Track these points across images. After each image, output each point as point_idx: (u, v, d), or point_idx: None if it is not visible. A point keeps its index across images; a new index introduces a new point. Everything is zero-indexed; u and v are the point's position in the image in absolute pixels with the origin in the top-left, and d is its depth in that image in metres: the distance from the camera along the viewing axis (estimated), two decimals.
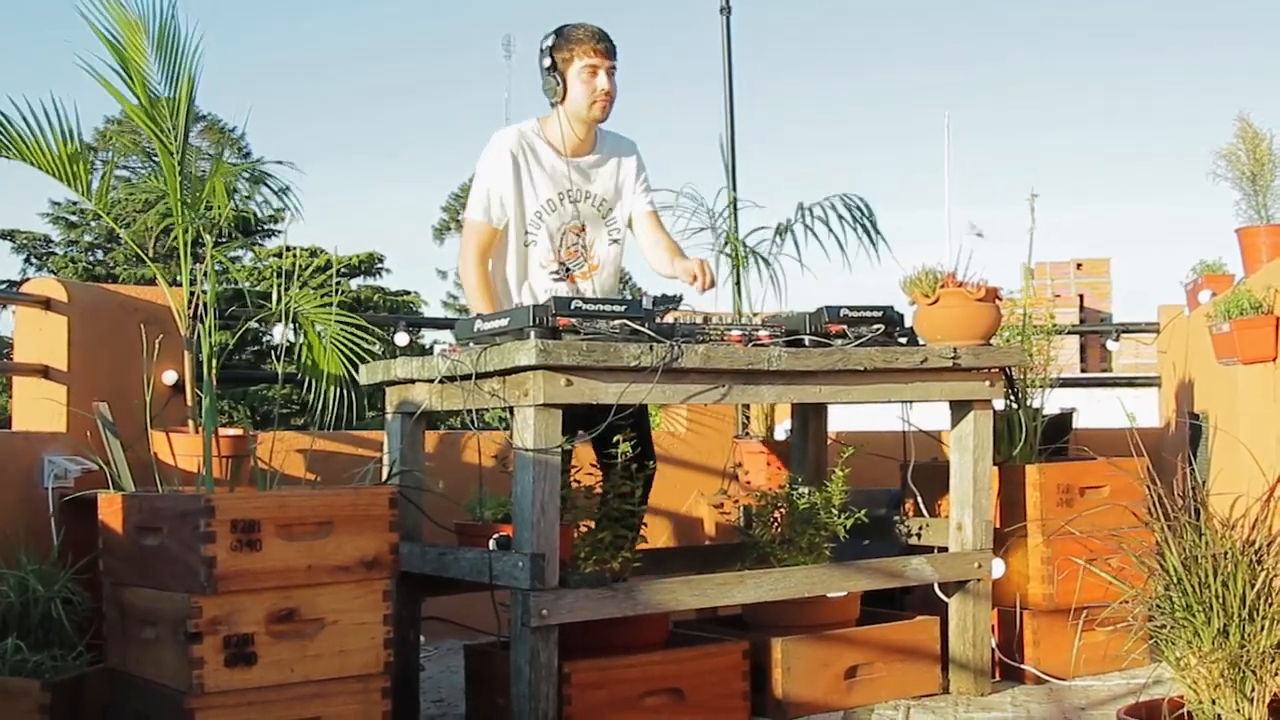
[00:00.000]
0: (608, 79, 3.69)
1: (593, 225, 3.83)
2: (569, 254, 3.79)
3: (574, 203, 3.78)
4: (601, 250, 3.85)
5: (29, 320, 4.00)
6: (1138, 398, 5.74)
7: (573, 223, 3.78)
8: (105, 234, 27.83)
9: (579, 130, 3.75)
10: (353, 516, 2.83)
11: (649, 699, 3.21)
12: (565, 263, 3.78)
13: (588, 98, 3.69)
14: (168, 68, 3.63)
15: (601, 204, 3.84)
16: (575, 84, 3.68)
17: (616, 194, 3.88)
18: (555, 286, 3.76)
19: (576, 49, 3.66)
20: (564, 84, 3.68)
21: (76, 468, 3.61)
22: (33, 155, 3.62)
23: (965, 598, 3.66)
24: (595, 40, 3.66)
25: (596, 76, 3.68)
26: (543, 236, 3.75)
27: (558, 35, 3.69)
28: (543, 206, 3.74)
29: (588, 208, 3.81)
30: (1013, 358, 3.72)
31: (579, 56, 3.66)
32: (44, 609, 3.08)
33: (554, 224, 3.76)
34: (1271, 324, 3.64)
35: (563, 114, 3.73)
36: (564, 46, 3.67)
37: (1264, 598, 2.42)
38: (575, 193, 3.78)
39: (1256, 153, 4.08)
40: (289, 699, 2.73)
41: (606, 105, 3.72)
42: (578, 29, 3.68)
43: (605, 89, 3.69)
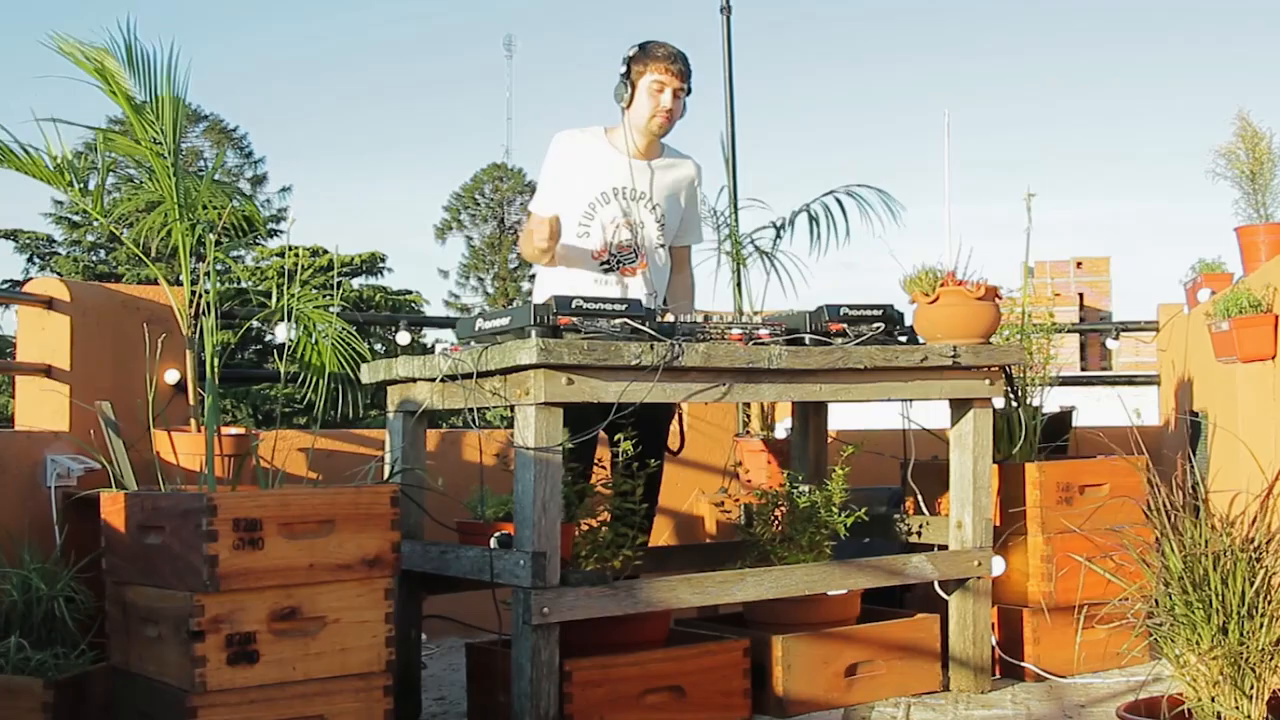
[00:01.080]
0: (673, 98, 3.82)
1: (646, 225, 3.89)
2: (620, 248, 3.85)
3: (629, 200, 3.85)
4: (650, 250, 3.90)
5: (32, 320, 4.00)
6: (1137, 396, 5.75)
7: (626, 218, 3.85)
8: (108, 234, 27.86)
9: (639, 140, 3.86)
10: (354, 515, 2.84)
11: (650, 697, 3.22)
12: (616, 254, 3.84)
13: (649, 110, 3.81)
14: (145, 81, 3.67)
15: (655, 207, 3.91)
16: (642, 95, 3.81)
17: (671, 202, 3.95)
18: (604, 277, 3.83)
19: (652, 64, 3.79)
20: (632, 93, 3.81)
21: (79, 467, 3.62)
22: (28, 168, 3.64)
23: (965, 595, 3.67)
24: (670, 60, 3.80)
25: (662, 93, 3.80)
26: (595, 227, 3.83)
27: (640, 48, 3.83)
28: (596, 198, 3.83)
29: (642, 208, 3.88)
30: (1012, 356, 3.72)
31: (652, 71, 3.79)
32: (47, 607, 3.08)
33: (607, 216, 3.83)
34: (1270, 322, 3.64)
35: (626, 120, 3.86)
36: (641, 59, 3.81)
37: (1263, 595, 2.43)
38: (631, 190, 3.86)
39: (1256, 151, 4.09)
40: (291, 697, 2.73)
41: (666, 122, 3.84)
42: (658, 46, 3.82)
43: (668, 107, 3.81)
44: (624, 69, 3.82)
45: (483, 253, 38.01)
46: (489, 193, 38.47)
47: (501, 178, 38.52)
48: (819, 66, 58.26)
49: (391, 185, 56.57)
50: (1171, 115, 54.87)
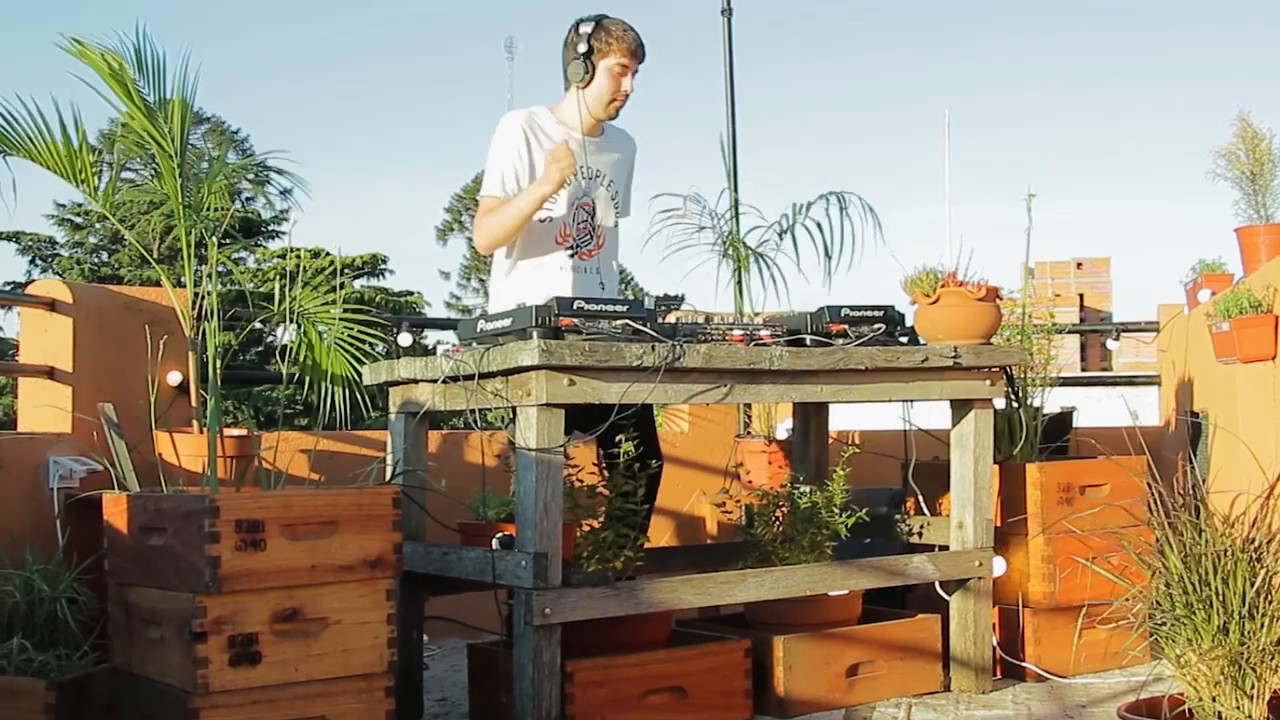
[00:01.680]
0: (631, 81, 3.77)
1: (601, 204, 3.85)
2: (579, 230, 3.81)
3: (586, 179, 3.80)
4: (606, 229, 3.87)
5: (34, 322, 4.01)
6: (1138, 396, 5.75)
7: (584, 199, 3.81)
8: (110, 236, 27.86)
9: (589, 120, 3.79)
10: (356, 516, 2.84)
11: (651, 697, 3.23)
12: (577, 237, 3.81)
13: (609, 95, 3.74)
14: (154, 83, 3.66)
15: (609, 184, 3.86)
16: (603, 77, 3.73)
17: (619, 177, 3.91)
18: (568, 262, 3.77)
19: (615, 45, 3.71)
20: (592, 73, 3.73)
21: (82, 468, 3.62)
22: (40, 155, 3.63)
23: (966, 596, 3.67)
24: (634, 44, 3.74)
25: (625, 76, 3.74)
26: (558, 210, 3.75)
27: (598, 25, 3.73)
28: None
29: (597, 186, 3.83)
30: (1013, 357, 3.73)
31: (615, 54, 3.71)
32: (49, 609, 3.08)
33: (569, 199, 3.77)
34: (1270, 323, 3.64)
35: (581, 99, 3.76)
36: (603, 38, 3.72)
37: (1264, 595, 2.43)
38: (586, 170, 3.81)
39: (1256, 152, 4.09)
40: (293, 698, 2.74)
41: (622, 105, 3.79)
42: (618, 26, 3.74)
43: (627, 91, 3.76)
44: (583, 46, 3.71)
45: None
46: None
47: None
48: (819, 66, 58.27)
49: (392, 186, 56.61)
50: (1172, 115, 54.89)
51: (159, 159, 3.62)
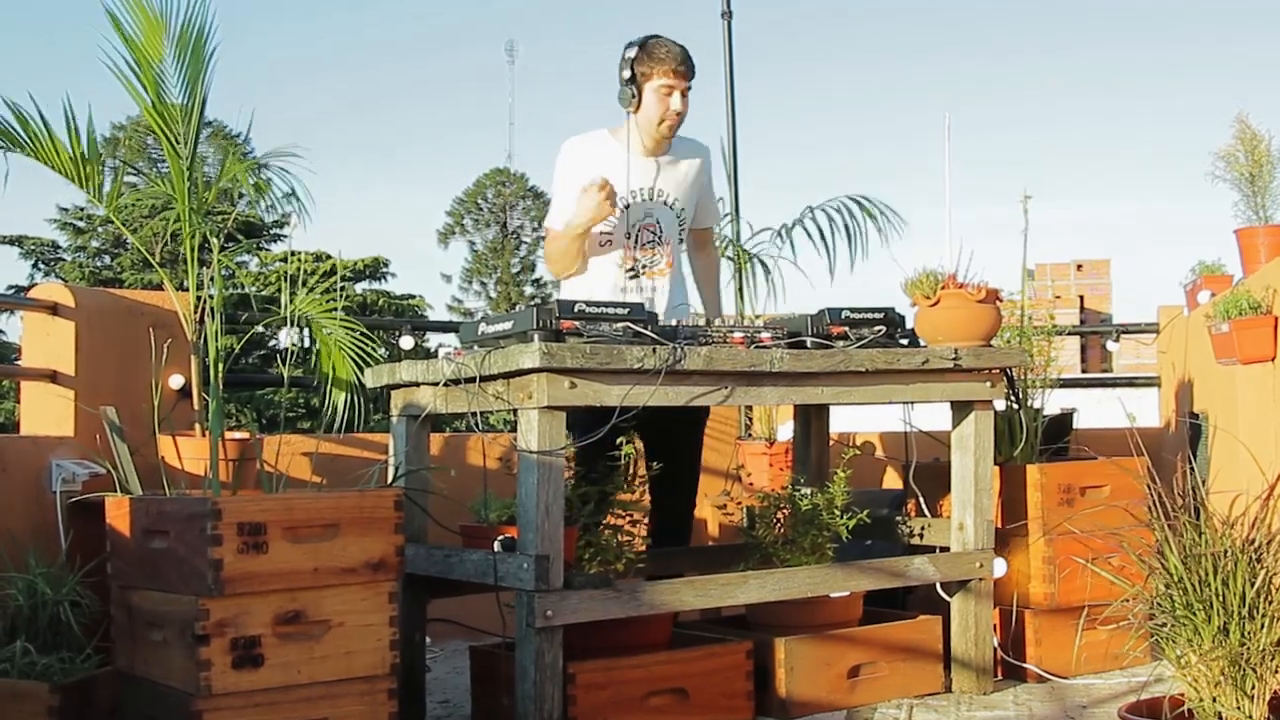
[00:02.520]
0: (682, 100, 3.75)
1: (666, 224, 3.86)
2: (644, 251, 3.82)
3: (647, 200, 3.82)
4: (675, 249, 3.89)
5: (37, 325, 4.01)
6: (1138, 398, 5.75)
7: (647, 220, 3.82)
8: (112, 239, 27.87)
9: (647, 141, 3.81)
10: (358, 519, 2.85)
11: (653, 699, 3.23)
12: (640, 259, 3.82)
13: (659, 116, 3.74)
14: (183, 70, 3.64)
15: (674, 202, 3.87)
16: (650, 99, 3.73)
17: (685, 194, 3.91)
18: (629, 284, 3.79)
19: (658, 67, 3.70)
20: (639, 97, 3.73)
21: (84, 471, 3.63)
22: (46, 155, 3.64)
23: (967, 597, 3.68)
24: (677, 62, 3.72)
25: (671, 96, 3.73)
26: (618, 235, 3.78)
27: (641, 48, 3.73)
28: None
29: (661, 207, 3.85)
30: (1013, 358, 3.74)
31: (659, 75, 3.71)
32: (52, 612, 3.09)
33: (629, 222, 3.79)
34: (1270, 324, 3.64)
35: (633, 124, 3.77)
36: (645, 61, 3.71)
37: (1264, 596, 2.44)
38: (648, 191, 3.82)
39: (1255, 154, 4.09)
40: (296, 700, 2.74)
41: (676, 125, 3.78)
42: (661, 46, 3.72)
43: (678, 110, 3.75)
44: (628, 73, 3.72)
45: (485, 257, 38.04)
46: (491, 197, 38.50)
47: (504, 182, 38.56)
48: (819, 67, 58.29)
49: (394, 190, 56.64)
50: (1171, 115, 54.93)
51: (169, 159, 3.62)
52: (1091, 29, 56.28)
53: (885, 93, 57.55)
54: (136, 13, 3.52)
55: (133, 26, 3.54)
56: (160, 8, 3.53)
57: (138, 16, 3.53)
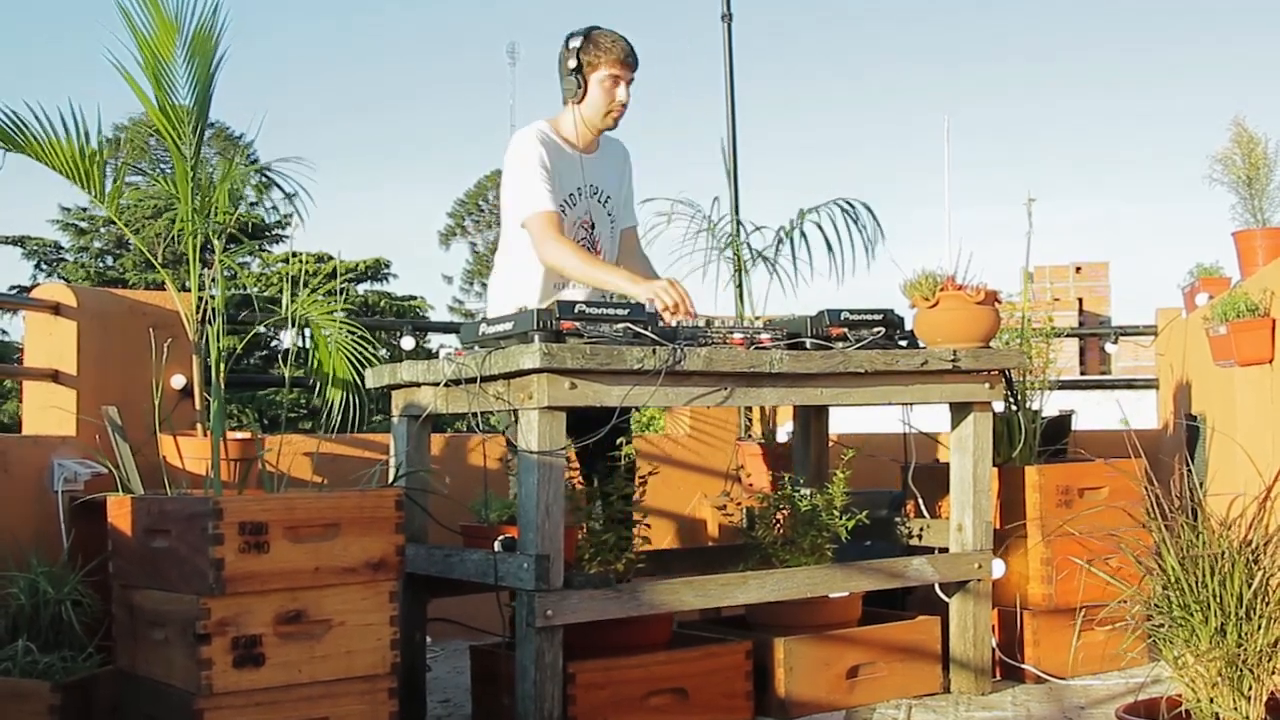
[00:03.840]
0: (626, 90, 3.76)
1: (599, 220, 3.87)
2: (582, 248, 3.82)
3: (586, 197, 3.83)
4: (605, 245, 3.89)
5: (39, 325, 4.02)
6: (1136, 400, 5.77)
7: (584, 216, 3.83)
8: (114, 240, 27.88)
9: (588, 134, 3.81)
10: (359, 519, 2.86)
11: (653, 699, 3.24)
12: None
13: (605, 106, 3.75)
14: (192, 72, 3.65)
15: (607, 200, 3.88)
16: (596, 90, 3.73)
17: (617, 191, 3.93)
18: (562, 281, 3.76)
19: (604, 57, 3.71)
20: (585, 87, 3.73)
21: (86, 471, 3.64)
22: (48, 156, 3.65)
23: (966, 598, 3.69)
24: (624, 53, 3.72)
25: (618, 87, 3.74)
26: (565, 228, 3.75)
27: (586, 38, 3.72)
28: (565, 200, 3.77)
29: (595, 203, 3.86)
30: (1012, 360, 3.75)
31: (605, 66, 3.71)
32: (54, 611, 3.10)
33: (572, 217, 3.80)
34: (1268, 326, 3.66)
35: (577, 114, 3.78)
36: (591, 51, 3.71)
37: (1261, 597, 2.44)
38: (586, 188, 3.83)
39: (1252, 157, 4.10)
40: (296, 699, 2.75)
41: (620, 116, 3.79)
42: (607, 37, 3.73)
43: (623, 101, 3.76)
44: (573, 62, 3.71)
45: (486, 258, 38.03)
46: (493, 199, 38.50)
47: None
48: (819, 68, 58.27)
49: (395, 191, 56.65)
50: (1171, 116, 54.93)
51: (173, 159, 3.63)
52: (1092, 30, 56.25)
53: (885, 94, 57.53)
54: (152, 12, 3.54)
55: (147, 26, 3.55)
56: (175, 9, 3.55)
57: (153, 16, 3.55)
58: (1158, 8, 55.61)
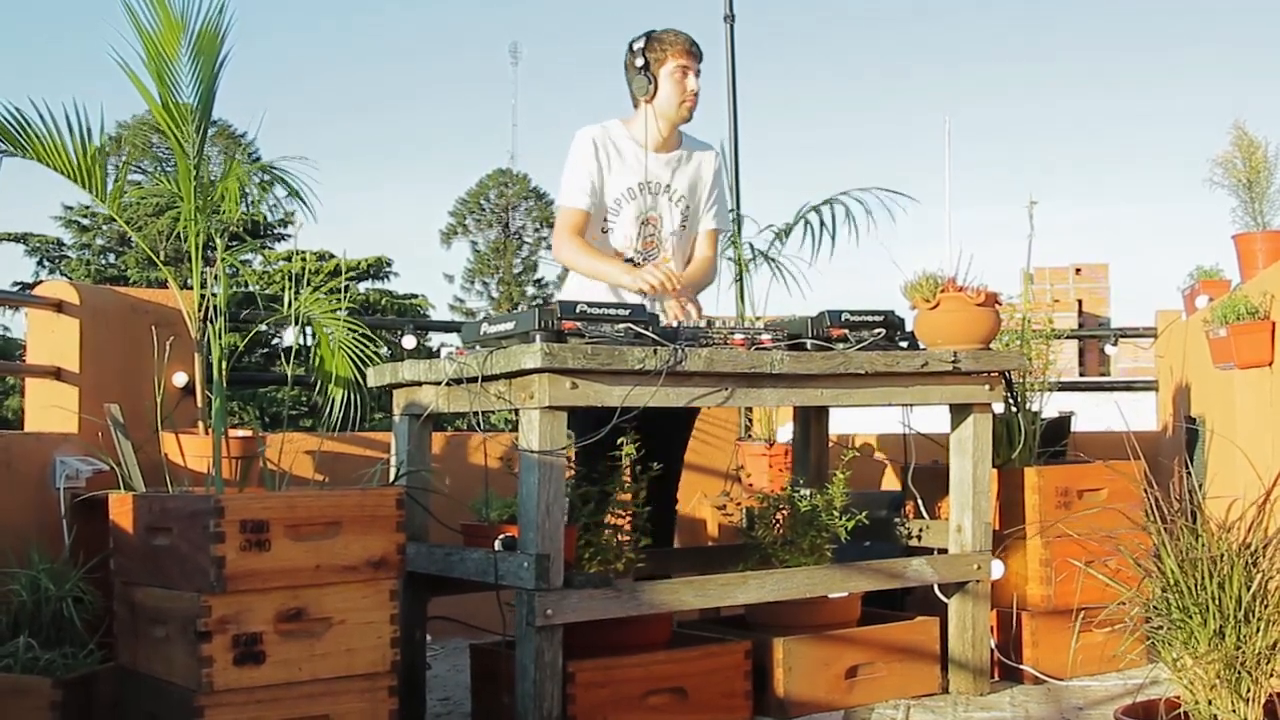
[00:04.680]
0: (695, 80, 3.87)
1: (669, 218, 3.94)
2: (645, 244, 3.90)
3: (653, 194, 3.90)
4: (671, 243, 3.95)
5: (41, 323, 4.04)
6: (1135, 401, 5.77)
7: (650, 213, 3.90)
8: (117, 237, 27.89)
9: (664, 128, 3.90)
10: (360, 517, 2.86)
11: (652, 698, 3.25)
12: (641, 250, 3.89)
13: (678, 97, 3.85)
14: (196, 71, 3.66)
15: (679, 199, 3.95)
16: (666, 84, 3.84)
17: (693, 193, 3.99)
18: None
19: (670, 50, 3.83)
20: (655, 83, 3.84)
21: (88, 468, 3.65)
22: (49, 157, 3.66)
23: (965, 599, 3.69)
24: (688, 44, 3.85)
25: (687, 78, 3.85)
26: (621, 223, 3.87)
27: (648, 39, 3.85)
28: (623, 194, 3.87)
29: (665, 200, 3.92)
30: (1012, 362, 3.75)
31: (672, 58, 3.83)
32: (55, 608, 3.11)
33: (632, 212, 3.88)
34: (1268, 329, 3.66)
35: (651, 112, 3.88)
36: (656, 48, 3.84)
37: (1259, 599, 2.44)
38: (655, 185, 3.90)
39: (1252, 160, 4.11)
40: (297, 697, 2.76)
41: (694, 105, 3.90)
42: (668, 33, 3.86)
43: (695, 90, 3.87)
44: (640, 62, 3.84)
45: (488, 257, 38.05)
46: (494, 198, 38.52)
47: (506, 183, 38.57)
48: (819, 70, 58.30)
49: (397, 190, 56.67)
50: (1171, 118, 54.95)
51: (176, 157, 3.64)
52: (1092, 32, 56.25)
53: (886, 95, 57.56)
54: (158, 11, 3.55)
55: (152, 23, 3.56)
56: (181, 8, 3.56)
57: (159, 15, 3.56)
58: (1158, 10, 55.63)
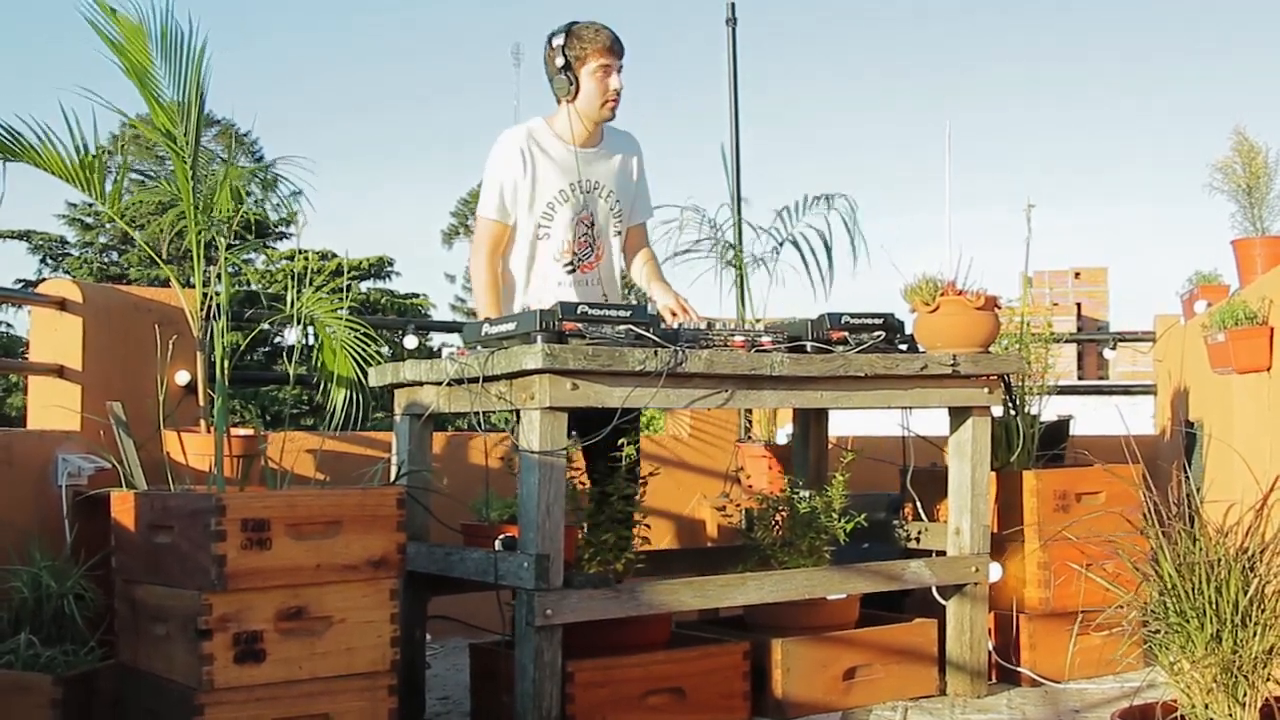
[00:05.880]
0: (618, 78, 3.77)
1: (601, 215, 3.88)
2: (580, 244, 3.85)
3: (584, 193, 3.84)
4: (607, 240, 3.91)
5: (44, 321, 4.04)
6: (1134, 405, 5.78)
7: (583, 212, 3.84)
8: (119, 235, 27.89)
9: (587, 127, 3.82)
10: (361, 516, 2.87)
11: (651, 698, 3.26)
12: (577, 253, 3.84)
13: (600, 97, 3.76)
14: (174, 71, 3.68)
15: (609, 195, 3.89)
16: (588, 83, 3.75)
17: (623, 187, 3.94)
18: (567, 278, 3.81)
19: (590, 49, 3.72)
20: (577, 83, 3.75)
21: (90, 466, 3.65)
22: (46, 163, 3.67)
23: (963, 601, 3.70)
24: (609, 41, 3.73)
25: (610, 77, 3.75)
26: (556, 227, 3.80)
27: (569, 34, 3.73)
28: (555, 197, 3.79)
29: (596, 198, 3.87)
30: (1011, 365, 3.76)
31: (593, 57, 3.72)
32: (56, 605, 3.12)
33: (567, 214, 3.81)
34: (1266, 334, 3.67)
35: (573, 111, 3.79)
36: (577, 45, 3.73)
37: (1256, 604, 2.45)
38: (585, 183, 3.84)
39: (1252, 166, 4.12)
40: (297, 695, 2.77)
41: (616, 105, 3.80)
42: (589, 29, 3.73)
43: (617, 89, 3.77)
44: (560, 60, 3.73)
45: None
46: None
47: None
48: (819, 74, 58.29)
49: (399, 190, 56.68)
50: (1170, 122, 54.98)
51: (172, 159, 3.66)
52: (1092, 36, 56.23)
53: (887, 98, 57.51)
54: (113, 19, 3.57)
55: (113, 32, 3.59)
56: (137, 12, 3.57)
57: (116, 24, 3.58)
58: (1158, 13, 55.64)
